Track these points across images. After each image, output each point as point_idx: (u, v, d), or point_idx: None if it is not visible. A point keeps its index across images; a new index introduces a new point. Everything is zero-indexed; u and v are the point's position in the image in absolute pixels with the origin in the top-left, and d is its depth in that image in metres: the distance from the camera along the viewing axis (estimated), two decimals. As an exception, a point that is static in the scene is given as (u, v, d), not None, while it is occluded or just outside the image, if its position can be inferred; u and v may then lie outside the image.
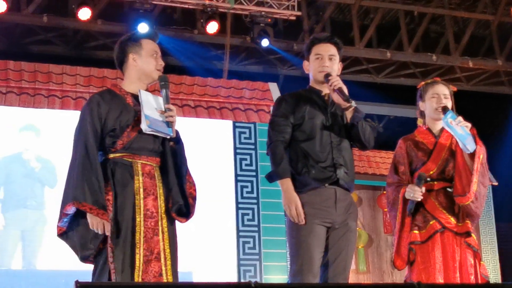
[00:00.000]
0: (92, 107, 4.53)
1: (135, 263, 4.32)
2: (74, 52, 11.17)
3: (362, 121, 4.78)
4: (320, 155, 4.76)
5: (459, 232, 5.10)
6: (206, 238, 9.53)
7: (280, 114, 4.86)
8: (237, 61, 11.83)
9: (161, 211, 4.50)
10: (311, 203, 4.73)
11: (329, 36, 5.03)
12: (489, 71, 12.80)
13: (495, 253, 11.54)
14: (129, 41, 4.70)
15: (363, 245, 10.86)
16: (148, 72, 4.67)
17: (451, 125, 5.01)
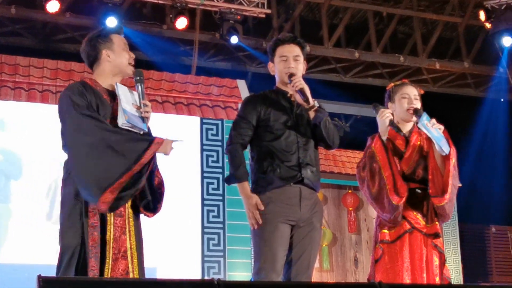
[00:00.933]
0: (77, 92, 4.45)
1: (105, 260, 4.30)
2: (42, 45, 11.09)
3: (326, 120, 4.80)
4: (286, 154, 4.80)
5: (428, 233, 5.13)
6: (171, 234, 9.52)
7: (244, 116, 4.91)
8: (205, 57, 11.81)
9: (128, 210, 4.48)
10: (276, 201, 4.77)
11: (292, 37, 5.05)
12: (456, 73, 12.91)
13: (457, 254, 11.64)
14: (99, 38, 4.65)
15: (327, 244, 10.90)
16: (122, 67, 4.64)
17: (427, 127, 5.02)
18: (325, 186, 11.15)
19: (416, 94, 5.32)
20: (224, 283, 2.92)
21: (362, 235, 11.00)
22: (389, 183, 5.10)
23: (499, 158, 13.05)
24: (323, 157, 11.23)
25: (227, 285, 2.90)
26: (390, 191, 5.10)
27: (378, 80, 12.87)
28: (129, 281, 3.11)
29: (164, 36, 11.14)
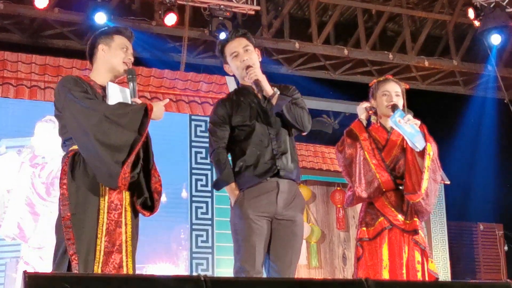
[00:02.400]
0: (72, 82, 4.52)
1: (95, 255, 4.31)
2: (30, 40, 11.05)
3: (288, 106, 4.77)
4: (259, 150, 4.81)
5: (407, 229, 5.16)
6: (159, 231, 9.51)
7: (217, 121, 4.94)
8: (194, 54, 11.79)
9: (125, 203, 4.50)
10: (253, 198, 4.79)
11: (235, 31, 5.04)
12: (445, 70, 12.92)
13: (445, 251, 11.66)
14: (101, 34, 4.74)
15: (316, 241, 10.90)
16: (115, 64, 4.68)
17: (399, 123, 5.06)
18: (314, 183, 11.16)
19: (397, 91, 5.37)
20: (210, 279, 2.92)
21: (350, 232, 11.00)
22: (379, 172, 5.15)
23: (487, 156, 13.08)
24: (312, 154, 11.25)
25: (214, 281, 2.90)
26: (376, 167, 5.16)
27: (367, 77, 12.85)
28: (116, 277, 3.11)
29: (153, 33, 11.12)
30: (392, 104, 5.26)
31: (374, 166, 5.18)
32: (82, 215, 4.35)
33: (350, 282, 3.39)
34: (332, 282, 3.34)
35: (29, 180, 9.11)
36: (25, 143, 9.19)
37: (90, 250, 4.31)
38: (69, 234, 4.31)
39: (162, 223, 9.54)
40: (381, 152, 5.27)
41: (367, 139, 5.25)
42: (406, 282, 4.19)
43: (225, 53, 4.99)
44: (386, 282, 3.91)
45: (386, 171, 5.19)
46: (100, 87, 4.64)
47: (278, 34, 11.87)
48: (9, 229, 8.91)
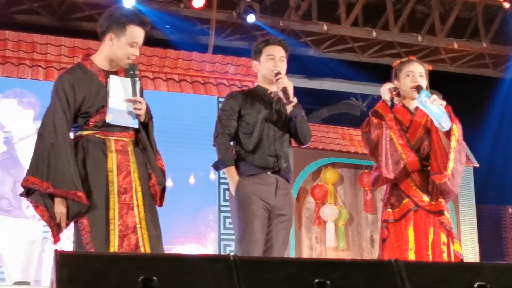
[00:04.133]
0: (65, 88, 4.48)
1: (109, 239, 4.34)
2: (59, 23, 11.09)
3: (302, 116, 5.19)
4: (264, 145, 5.19)
5: (432, 210, 5.15)
6: (187, 212, 9.56)
7: (227, 109, 5.32)
8: (222, 36, 11.77)
9: (135, 185, 4.52)
10: (255, 187, 5.15)
11: (280, 40, 5.43)
12: (474, 53, 12.81)
13: (474, 234, 11.63)
14: (116, 21, 4.59)
15: (344, 223, 10.91)
16: (118, 57, 4.62)
17: (425, 103, 5.05)
18: (342, 165, 11.16)
19: (421, 72, 5.35)
20: (240, 258, 2.94)
21: (378, 215, 10.98)
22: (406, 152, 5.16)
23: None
24: (340, 136, 11.23)
25: (243, 260, 2.92)
26: (402, 147, 5.16)
27: (395, 59, 12.57)
28: (145, 256, 3.14)
29: (181, 15, 11.11)
30: (417, 85, 5.24)
31: (401, 147, 5.18)
32: (92, 203, 4.39)
33: (379, 263, 3.40)
34: (361, 263, 3.36)
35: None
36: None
37: (104, 236, 4.35)
38: (83, 223, 4.37)
39: (191, 205, 9.61)
40: (406, 133, 5.26)
41: (392, 120, 5.25)
42: (435, 263, 4.19)
43: (262, 52, 5.34)
44: (415, 263, 3.91)
45: (412, 151, 5.19)
46: (102, 71, 4.61)
47: (306, 16, 11.82)
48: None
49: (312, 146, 10.91)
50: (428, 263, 4.27)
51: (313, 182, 11.00)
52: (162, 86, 9.94)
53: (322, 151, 10.98)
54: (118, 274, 2.76)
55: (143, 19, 4.66)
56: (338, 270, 3.01)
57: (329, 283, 2.93)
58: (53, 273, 2.73)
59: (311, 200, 10.89)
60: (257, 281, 2.90)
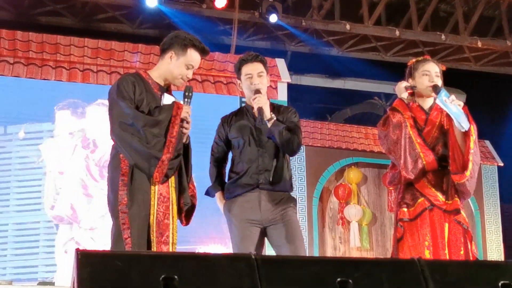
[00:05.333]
0: (128, 84, 4.67)
1: (151, 244, 4.51)
2: (82, 24, 11.15)
3: (280, 132, 5.20)
4: (247, 164, 5.29)
5: (448, 209, 5.13)
6: (210, 213, 9.56)
7: (216, 137, 5.58)
8: (245, 36, 11.78)
9: (172, 197, 4.69)
10: (237, 208, 5.28)
11: (254, 55, 5.44)
12: (498, 51, 12.73)
13: (499, 233, 11.55)
14: (179, 41, 4.81)
15: (367, 223, 10.88)
16: (173, 75, 4.83)
17: (446, 103, 5.03)
18: (365, 165, 11.12)
19: (437, 71, 5.32)
20: (261, 257, 2.93)
21: (402, 215, 10.93)
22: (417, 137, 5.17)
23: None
24: (363, 136, 11.20)
25: (264, 259, 2.91)
26: (421, 146, 5.14)
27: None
28: (168, 255, 3.14)
29: (203, 15, 11.13)
30: (434, 84, 5.21)
31: (419, 146, 5.16)
32: (137, 203, 4.51)
33: (402, 262, 3.37)
34: (384, 262, 3.33)
35: (83, 163, 9.24)
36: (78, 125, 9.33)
37: (142, 237, 4.48)
38: (124, 219, 4.46)
39: (214, 205, 9.58)
40: (421, 132, 5.23)
41: (411, 118, 5.22)
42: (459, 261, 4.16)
43: (241, 71, 5.41)
44: (438, 261, 3.88)
45: (430, 150, 5.17)
46: (157, 85, 4.80)
47: (329, 16, 11.81)
48: (62, 210, 9.05)
49: (335, 146, 10.89)
50: (451, 261, 4.24)
51: (336, 182, 10.97)
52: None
53: (345, 151, 10.95)
54: (140, 273, 2.76)
55: (204, 47, 4.90)
56: (360, 269, 2.99)
57: (351, 282, 2.91)
58: (74, 272, 2.73)
59: (334, 200, 10.86)
60: (279, 280, 2.89)
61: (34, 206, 9.09)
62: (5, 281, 8.09)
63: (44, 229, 9.08)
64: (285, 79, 10.27)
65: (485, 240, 11.44)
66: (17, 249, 8.97)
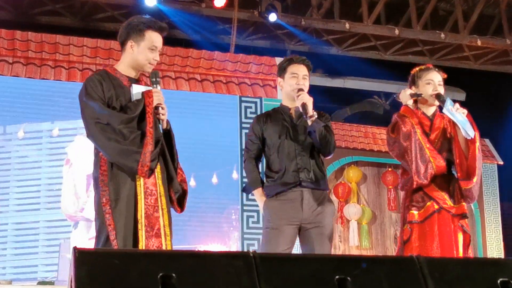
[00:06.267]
0: (95, 84, 4.65)
1: (138, 239, 4.46)
2: (82, 24, 11.13)
3: (321, 130, 5.33)
4: (285, 163, 5.41)
5: (456, 213, 5.27)
6: (210, 212, 9.56)
7: (250, 134, 5.67)
8: (244, 35, 11.77)
9: (159, 189, 4.64)
10: (280, 205, 5.37)
11: (303, 58, 5.64)
12: (498, 50, 12.71)
13: (498, 232, 11.54)
14: (134, 28, 4.79)
15: (367, 222, 10.87)
16: (140, 63, 4.80)
17: (452, 112, 5.18)
18: (365, 164, 11.11)
19: (440, 80, 5.49)
20: (260, 255, 2.93)
21: (402, 213, 10.93)
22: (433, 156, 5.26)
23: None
24: (363, 135, 11.19)
25: (263, 257, 2.90)
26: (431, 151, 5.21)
27: (418, 57, 12.73)
28: (165, 253, 3.13)
29: (202, 14, 11.12)
30: (437, 93, 5.37)
31: (429, 151, 5.29)
32: (121, 201, 4.50)
33: (401, 259, 3.37)
34: (383, 259, 3.33)
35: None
36: (78, 125, 9.31)
37: (128, 235, 4.45)
38: (109, 219, 4.45)
39: (213, 204, 9.61)
40: (429, 138, 5.37)
41: (418, 124, 5.36)
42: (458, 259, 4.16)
43: (286, 70, 5.58)
44: (437, 259, 3.88)
45: (440, 155, 5.30)
46: (127, 78, 4.78)
47: (328, 15, 11.79)
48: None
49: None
50: (450, 259, 4.24)
51: (336, 180, 10.96)
52: (184, 85, 9.95)
53: (345, 150, 10.93)
54: (137, 271, 2.76)
55: (160, 25, 4.88)
56: (359, 267, 2.98)
57: (350, 279, 2.91)
58: (71, 270, 2.73)
59: (334, 199, 10.85)
60: (277, 278, 2.89)
61: (34, 206, 9.09)
62: (5, 281, 8.10)
63: (43, 229, 9.08)
64: (284, 78, 10.25)
65: (485, 238, 11.43)
66: (17, 248, 8.98)
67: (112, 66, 4.88)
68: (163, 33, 4.86)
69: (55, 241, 8.97)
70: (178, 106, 9.30)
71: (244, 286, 2.83)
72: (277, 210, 5.36)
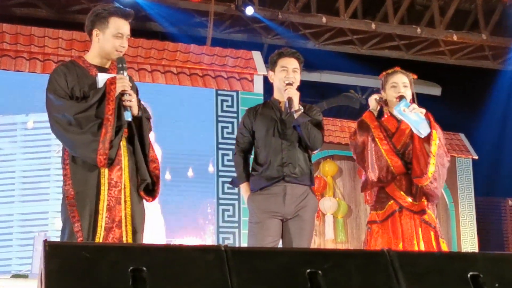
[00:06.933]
0: (59, 76, 4.62)
1: (96, 230, 4.44)
2: (57, 16, 11.08)
3: (306, 124, 5.35)
4: (270, 157, 5.43)
5: (416, 210, 5.38)
6: (186, 205, 9.55)
7: (241, 127, 5.70)
8: (221, 28, 11.77)
9: (125, 180, 4.59)
10: (263, 199, 5.41)
11: (293, 51, 5.66)
12: (473, 45, 12.79)
13: (473, 226, 11.62)
14: (98, 16, 4.73)
15: (342, 216, 10.91)
16: (107, 51, 4.73)
17: (404, 112, 5.34)
18: (340, 158, 11.14)
19: (405, 82, 5.59)
20: (231, 249, 2.92)
21: (377, 207, 10.97)
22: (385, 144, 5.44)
23: (516, 131, 12.99)
24: (339, 129, 11.22)
25: (234, 251, 2.90)
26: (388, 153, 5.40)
27: (395, 52, 12.79)
28: (137, 247, 3.12)
29: (179, 7, 11.10)
30: (399, 96, 5.48)
31: (385, 152, 5.43)
32: (84, 193, 4.47)
33: (372, 253, 3.38)
34: (354, 253, 3.33)
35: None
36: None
37: (91, 227, 4.44)
38: (73, 211, 4.43)
39: (189, 198, 9.59)
40: (391, 138, 5.50)
41: (377, 127, 5.49)
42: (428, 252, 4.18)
43: (276, 63, 5.59)
44: (408, 252, 3.90)
45: (397, 156, 5.43)
46: (95, 68, 4.72)
47: (305, 9, 11.80)
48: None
49: (311, 138, 10.90)
50: (421, 253, 4.26)
51: (312, 174, 10.98)
52: (160, 78, 9.91)
53: (321, 144, 10.94)
54: (108, 264, 2.74)
55: (124, 11, 4.80)
56: (330, 260, 2.98)
57: (321, 273, 2.91)
58: (42, 263, 2.71)
59: (310, 192, 10.87)
60: (249, 271, 2.88)
61: (8, 198, 9.04)
62: (-22, 274, 8.05)
63: (17, 222, 9.03)
64: (261, 72, 10.26)
65: (459, 232, 11.51)
66: (-9, 242, 8.93)
67: (82, 57, 4.82)
68: (128, 19, 4.78)
69: (29, 234, 8.92)
70: (154, 99, 9.27)
71: (215, 279, 2.83)
72: (260, 204, 5.39)
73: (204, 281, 2.83)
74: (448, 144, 11.87)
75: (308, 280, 2.89)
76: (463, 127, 12.31)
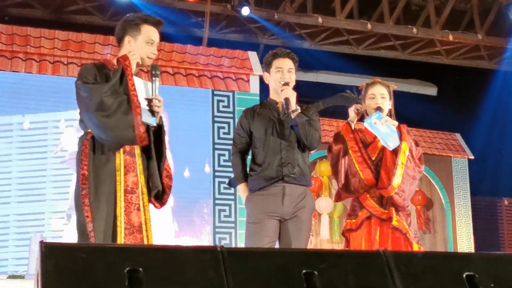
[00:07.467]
0: (89, 69, 4.68)
1: (117, 234, 4.48)
2: (53, 16, 11.06)
3: (303, 124, 5.35)
4: (269, 157, 5.43)
5: (384, 218, 5.51)
6: (182, 205, 9.55)
7: (238, 127, 5.68)
8: (217, 29, 11.76)
9: (141, 186, 4.66)
10: (261, 200, 5.41)
11: (288, 52, 5.64)
12: (469, 45, 12.80)
13: (469, 226, 11.63)
14: (130, 23, 4.82)
15: (338, 216, 10.91)
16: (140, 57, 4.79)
17: (374, 125, 5.47)
18: (337, 158, 11.13)
19: (383, 93, 5.68)
20: (227, 250, 2.93)
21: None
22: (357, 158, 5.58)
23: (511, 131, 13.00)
24: (335, 129, 11.21)
25: (230, 251, 2.91)
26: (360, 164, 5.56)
27: (390, 52, 12.79)
28: (133, 248, 3.13)
29: (175, 8, 11.10)
30: (377, 107, 5.59)
31: (358, 164, 5.54)
32: (100, 195, 4.51)
33: (368, 253, 3.39)
34: (349, 253, 3.34)
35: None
36: (49, 118, 9.26)
37: (107, 230, 4.48)
38: (87, 212, 4.45)
39: (186, 198, 9.59)
40: (367, 148, 5.61)
41: (352, 139, 5.62)
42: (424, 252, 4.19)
43: (271, 64, 5.59)
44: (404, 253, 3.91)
45: (369, 168, 5.54)
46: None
47: (301, 9, 11.81)
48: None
49: (307, 138, 10.90)
50: (417, 253, 4.27)
51: (308, 174, 10.98)
52: (156, 79, 9.90)
53: (317, 144, 10.94)
54: (104, 265, 2.75)
55: (156, 19, 4.91)
56: (326, 261, 2.99)
57: (316, 273, 2.92)
58: (38, 264, 2.72)
59: (306, 192, 10.87)
60: (244, 272, 2.89)
61: (4, 199, 9.04)
62: (-26, 275, 8.05)
63: (14, 222, 9.02)
64: (257, 72, 10.27)
65: (455, 232, 11.52)
66: (-14, 242, 8.93)
67: (111, 61, 4.87)
68: (159, 27, 4.89)
69: (25, 235, 8.93)
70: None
71: (211, 280, 2.83)
72: (258, 205, 5.39)
73: (200, 281, 2.83)
74: (444, 144, 11.90)
75: (304, 280, 2.90)
76: (459, 127, 12.33)
